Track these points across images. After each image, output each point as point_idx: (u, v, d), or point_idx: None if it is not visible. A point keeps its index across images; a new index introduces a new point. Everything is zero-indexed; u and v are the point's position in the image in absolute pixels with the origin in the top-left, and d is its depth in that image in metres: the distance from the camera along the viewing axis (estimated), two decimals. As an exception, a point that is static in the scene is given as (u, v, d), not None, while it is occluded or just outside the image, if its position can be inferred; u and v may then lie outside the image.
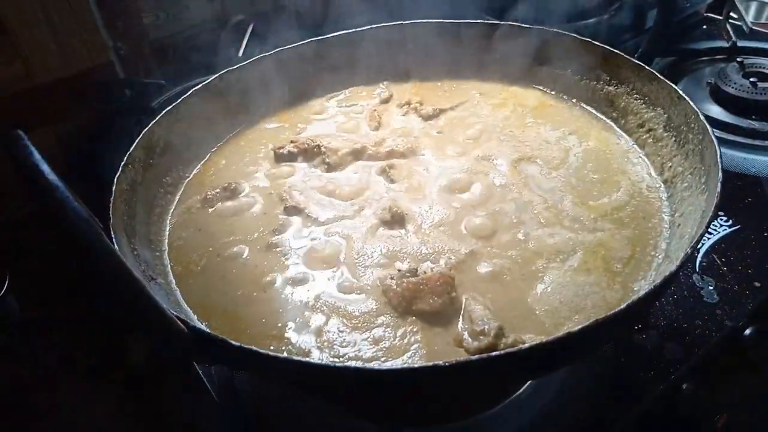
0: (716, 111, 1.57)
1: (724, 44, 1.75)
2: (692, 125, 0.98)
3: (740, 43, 1.73)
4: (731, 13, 1.77)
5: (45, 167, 0.64)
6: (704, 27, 1.91)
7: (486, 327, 0.76)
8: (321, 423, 1.02)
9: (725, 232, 1.24)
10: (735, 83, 1.58)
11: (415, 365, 0.62)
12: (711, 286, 1.14)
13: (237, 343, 0.69)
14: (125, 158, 0.99)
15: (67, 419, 1.08)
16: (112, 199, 0.91)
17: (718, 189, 0.82)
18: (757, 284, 1.13)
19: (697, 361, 1.03)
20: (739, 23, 1.77)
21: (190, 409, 1.06)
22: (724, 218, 1.27)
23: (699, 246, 1.09)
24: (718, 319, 1.09)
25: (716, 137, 0.91)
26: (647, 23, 1.83)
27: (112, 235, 0.84)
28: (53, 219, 0.64)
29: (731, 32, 1.74)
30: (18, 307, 1.18)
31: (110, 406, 1.10)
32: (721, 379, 1.06)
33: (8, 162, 0.65)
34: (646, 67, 1.09)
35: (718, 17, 1.79)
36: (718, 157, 0.87)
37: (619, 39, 1.78)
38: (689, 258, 0.76)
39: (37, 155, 0.65)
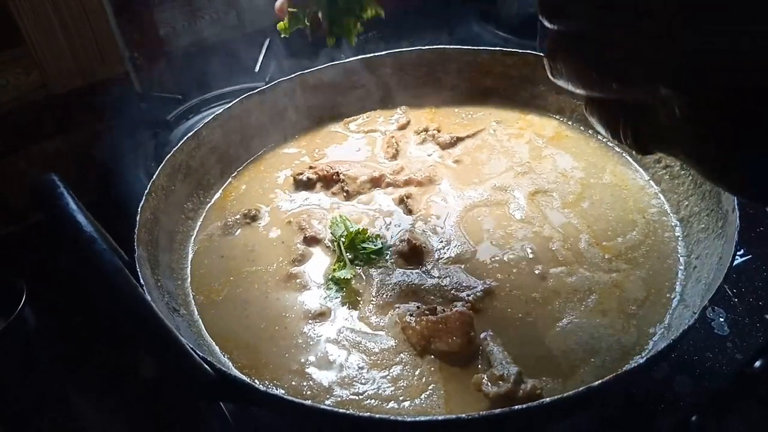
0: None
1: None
2: (710, 166, 0.98)
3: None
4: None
5: (82, 218, 0.65)
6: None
7: (505, 372, 0.77)
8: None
9: (736, 261, 1.24)
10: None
11: (440, 417, 0.64)
12: (722, 317, 1.15)
13: (263, 389, 0.71)
14: (148, 187, 1.00)
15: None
16: (136, 230, 0.92)
17: (736, 238, 0.83)
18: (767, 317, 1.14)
19: (707, 394, 1.04)
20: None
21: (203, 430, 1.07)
22: (736, 247, 1.27)
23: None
24: (728, 352, 1.09)
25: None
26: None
27: (138, 270, 0.85)
28: (84, 266, 0.66)
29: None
30: (35, 318, 1.20)
31: (123, 420, 1.12)
32: (730, 412, 1.07)
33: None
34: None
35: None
36: (736, 203, 0.88)
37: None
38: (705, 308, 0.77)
39: (73, 205, 0.67)
